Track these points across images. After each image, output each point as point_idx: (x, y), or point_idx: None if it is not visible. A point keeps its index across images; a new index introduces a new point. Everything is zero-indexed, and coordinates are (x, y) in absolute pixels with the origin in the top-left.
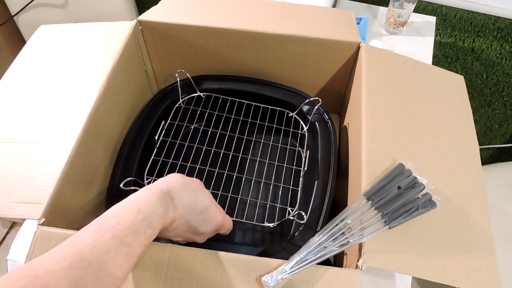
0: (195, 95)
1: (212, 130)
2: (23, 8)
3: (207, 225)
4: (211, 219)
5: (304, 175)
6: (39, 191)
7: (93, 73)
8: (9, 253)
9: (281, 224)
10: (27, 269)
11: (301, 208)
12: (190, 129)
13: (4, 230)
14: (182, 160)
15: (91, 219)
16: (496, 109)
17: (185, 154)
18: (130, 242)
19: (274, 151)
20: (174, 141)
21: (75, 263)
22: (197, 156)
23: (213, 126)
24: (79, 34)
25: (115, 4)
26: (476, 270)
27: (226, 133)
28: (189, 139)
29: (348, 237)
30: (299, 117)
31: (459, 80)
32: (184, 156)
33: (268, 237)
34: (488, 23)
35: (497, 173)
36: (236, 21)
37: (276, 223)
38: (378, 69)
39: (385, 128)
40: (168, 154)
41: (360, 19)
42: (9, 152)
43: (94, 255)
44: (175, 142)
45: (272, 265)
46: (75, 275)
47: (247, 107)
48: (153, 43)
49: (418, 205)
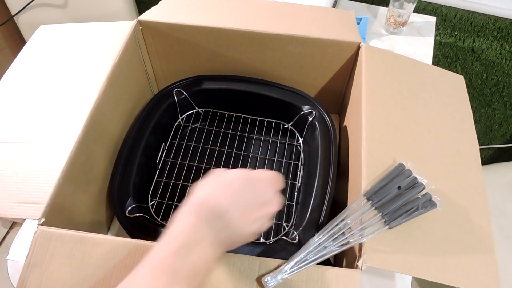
0: (193, 112)
1: (210, 147)
2: (23, 8)
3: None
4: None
5: (304, 175)
6: (39, 191)
7: (93, 73)
8: (9, 253)
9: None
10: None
11: (296, 225)
12: (190, 146)
13: (4, 230)
14: (180, 178)
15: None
16: (496, 109)
17: (184, 171)
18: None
19: (270, 164)
20: (175, 161)
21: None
22: (197, 174)
23: (211, 142)
24: (79, 34)
25: (115, 4)
26: (476, 270)
27: (224, 149)
28: (189, 158)
29: (348, 237)
30: (296, 125)
31: (459, 80)
32: (183, 173)
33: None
34: (488, 23)
35: (497, 173)
36: (236, 21)
37: (272, 239)
38: (378, 69)
39: (385, 128)
40: (170, 175)
41: (360, 19)
42: (9, 152)
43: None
44: (176, 162)
45: (272, 265)
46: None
47: (244, 120)
48: (153, 43)
49: (418, 205)
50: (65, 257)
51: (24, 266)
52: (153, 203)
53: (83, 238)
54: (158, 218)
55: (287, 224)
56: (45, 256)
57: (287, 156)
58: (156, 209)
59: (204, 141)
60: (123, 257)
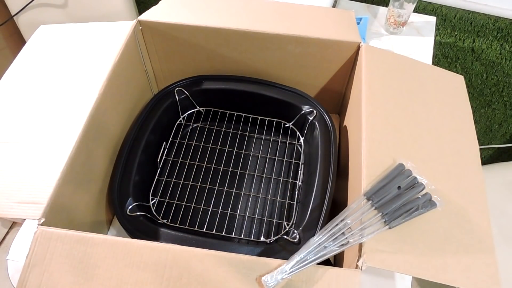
0: (195, 110)
1: (211, 147)
2: (23, 8)
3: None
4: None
5: (304, 175)
6: (39, 191)
7: (93, 73)
8: (9, 253)
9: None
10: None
11: (297, 224)
12: (191, 145)
13: (4, 230)
14: (181, 176)
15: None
16: (496, 109)
17: (185, 170)
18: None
19: (271, 163)
20: (176, 160)
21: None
22: (198, 173)
23: (212, 141)
24: (79, 34)
25: (115, 4)
26: (476, 270)
27: (225, 148)
28: (190, 157)
29: (348, 237)
30: (296, 125)
31: (459, 80)
32: (184, 172)
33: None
34: (488, 23)
35: (497, 173)
36: (236, 21)
37: (272, 238)
38: (378, 69)
39: (385, 128)
40: (171, 174)
41: (360, 19)
42: (9, 152)
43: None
44: (177, 160)
45: (272, 265)
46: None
47: (245, 119)
48: (153, 43)
49: (418, 205)
50: (65, 257)
51: (24, 266)
52: (154, 201)
53: (83, 238)
54: (159, 217)
55: (287, 223)
56: (45, 256)
57: (287, 155)
58: (157, 208)
59: (205, 140)
60: (123, 257)
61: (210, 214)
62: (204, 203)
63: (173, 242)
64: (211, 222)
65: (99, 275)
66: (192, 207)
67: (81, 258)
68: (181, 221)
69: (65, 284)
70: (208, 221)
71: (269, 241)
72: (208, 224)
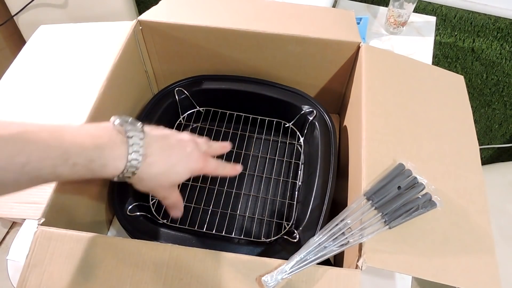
0: (195, 110)
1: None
2: (23, 8)
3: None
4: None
5: (304, 175)
6: (39, 191)
7: (93, 73)
8: (9, 253)
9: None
10: None
11: (297, 224)
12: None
13: (4, 230)
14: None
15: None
16: (496, 109)
17: None
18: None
19: (271, 163)
20: None
21: None
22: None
23: (212, 141)
24: (79, 34)
25: (115, 4)
26: (476, 270)
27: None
28: None
29: (348, 237)
30: (296, 125)
31: (459, 80)
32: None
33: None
34: (488, 23)
35: (497, 173)
36: (236, 21)
37: (272, 238)
38: (378, 69)
39: (385, 128)
40: None
41: (360, 19)
42: None
43: None
44: None
45: (272, 265)
46: None
47: (245, 119)
48: (153, 43)
49: (418, 205)
50: (65, 257)
51: (24, 266)
52: (154, 201)
53: (83, 238)
54: (159, 217)
55: (287, 223)
56: (45, 256)
57: (287, 155)
58: (157, 208)
59: None
60: (123, 257)
61: (210, 214)
62: (204, 203)
63: (173, 242)
64: (211, 222)
65: (99, 275)
66: (192, 207)
67: (81, 258)
68: (181, 221)
69: (65, 284)
70: (208, 221)
71: (269, 241)
72: (208, 224)
